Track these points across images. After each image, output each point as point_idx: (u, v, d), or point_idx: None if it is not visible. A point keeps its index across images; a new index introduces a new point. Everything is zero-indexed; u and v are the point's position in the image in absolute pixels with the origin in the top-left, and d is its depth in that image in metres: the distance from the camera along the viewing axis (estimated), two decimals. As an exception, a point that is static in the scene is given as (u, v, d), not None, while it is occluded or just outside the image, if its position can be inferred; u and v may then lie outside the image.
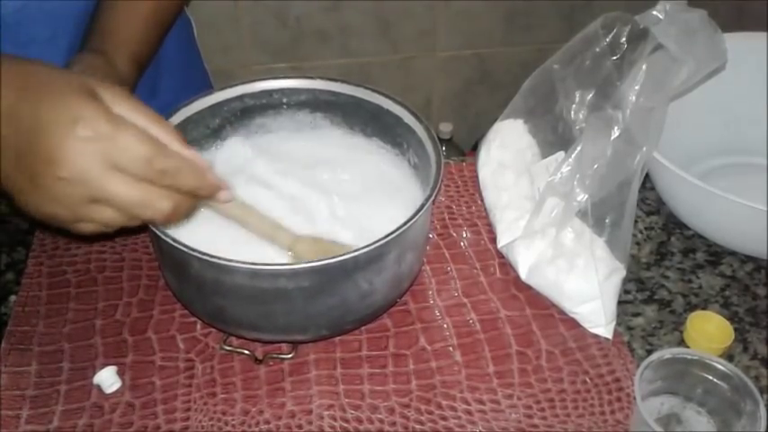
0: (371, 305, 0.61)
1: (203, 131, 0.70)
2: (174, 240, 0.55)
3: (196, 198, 0.52)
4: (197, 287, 0.59)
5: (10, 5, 0.71)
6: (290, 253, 0.62)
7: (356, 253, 0.55)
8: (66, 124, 0.46)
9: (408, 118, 0.67)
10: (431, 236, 0.74)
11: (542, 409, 0.61)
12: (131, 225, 0.51)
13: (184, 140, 0.51)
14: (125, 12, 0.75)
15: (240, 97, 0.70)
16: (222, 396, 0.61)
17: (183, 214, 0.51)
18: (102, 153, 0.46)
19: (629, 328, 0.68)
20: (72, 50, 0.75)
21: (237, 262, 0.54)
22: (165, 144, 0.49)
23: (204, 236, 0.60)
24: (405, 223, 0.57)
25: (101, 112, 0.46)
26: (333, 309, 0.59)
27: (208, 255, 0.54)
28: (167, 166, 0.48)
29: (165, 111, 0.64)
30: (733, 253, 0.75)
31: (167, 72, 0.89)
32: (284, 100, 0.72)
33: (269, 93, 0.71)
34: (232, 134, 0.72)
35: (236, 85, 0.70)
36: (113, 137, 0.46)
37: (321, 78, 0.71)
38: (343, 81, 0.70)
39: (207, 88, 0.70)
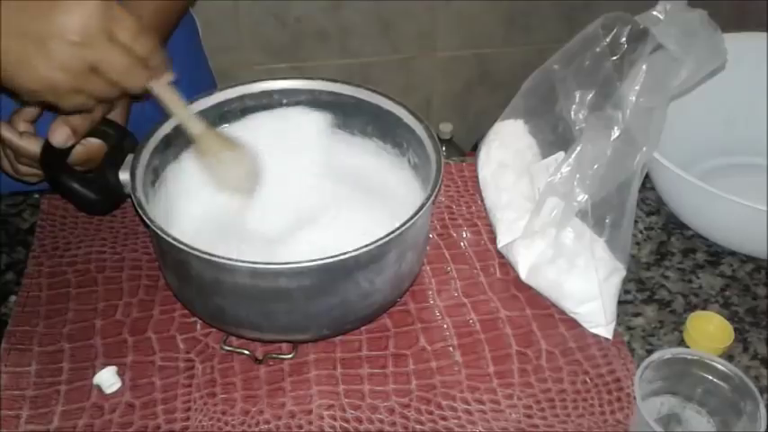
0: (372, 305, 0.61)
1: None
2: (175, 239, 0.55)
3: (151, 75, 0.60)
4: (197, 287, 0.59)
5: None
6: (197, 143, 0.65)
7: (357, 252, 0.55)
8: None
9: (408, 118, 0.67)
10: (431, 236, 0.74)
11: (542, 409, 0.61)
12: (110, 98, 0.60)
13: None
14: (129, 11, 0.75)
15: (241, 98, 0.70)
16: (222, 396, 0.61)
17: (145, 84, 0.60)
18: (105, 22, 0.55)
19: (629, 328, 0.68)
20: None
21: (237, 261, 0.54)
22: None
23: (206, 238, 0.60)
24: (405, 222, 0.57)
25: None
26: (333, 308, 0.59)
27: (208, 254, 0.54)
28: (148, 42, 0.58)
29: None
30: (733, 253, 0.75)
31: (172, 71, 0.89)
32: (284, 101, 0.72)
33: (269, 93, 0.71)
34: (233, 134, 0.72)
35: (237, 85, 0.70)
36: (113, 9, 0.55)
37: (321, 79, 0.71)
38: (343, 82, 0.70)
39: (212, 87, 0.70)
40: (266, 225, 0.67)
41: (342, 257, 0.55)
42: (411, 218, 0.58)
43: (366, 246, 0.55)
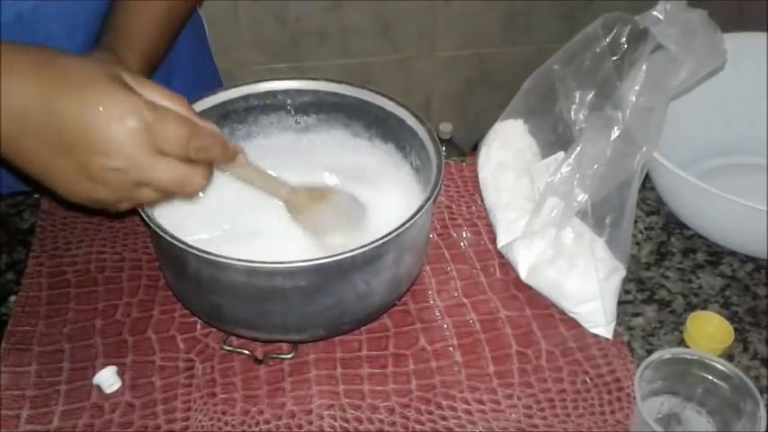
0: (369, 306, 0.61)
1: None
2: (173, 237, 0.55)
3: (218, 164, 0.56)
4: (195, 285, 0.59)
5: (29, 3, 0.72)
6: (287, 205, 0.64)
7: (353, 253, 0.55)
8: (115, 118, 0.48)
9: (411, 120, 0.67)
10: (431, 236, 0.74)
11: (542, 409, 0.61)
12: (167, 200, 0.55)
13: (194, 111, 0.54)
14: (137, 11, 0.76)
15: (245, 97, 0.71)
16: (222, 396, 0.61)
17: (209, 182, 0.55)
18: (149, 141, 0.49)
19: (629, 328, 0.68)
20: (87, 47, 0.76)
21: (233, 259, 0.54)
22: (194, 121, 0.52)
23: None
24: (403, 224, 0.57)
25: (141, 101, 0.50)
26: (329, 309, 0.59)
27: (204, 252, 0.54)
28: (201, 143, 0.52)
29: None
30: (733, 253, 0.75)
31: (179, 70, 0.89)
32: (288, 101, 0.72)
33: (273, 93, 0.71)
34: (236, 134, 0.72)
35: (241, 85, 0.70)
36: (156, 124, 0.50)
37: (325, 80, 0.71)
38: (346, 83, 0.70)
39: (217, 86, 0.70)
40: (267, 227, 0.67)
41: (337, 258, 0.55)
42: (408, 220, 0.57)
43: (362, 247, 0.55)
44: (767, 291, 0.71)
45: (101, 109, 0.48)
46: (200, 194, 0.56)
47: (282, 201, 0.64)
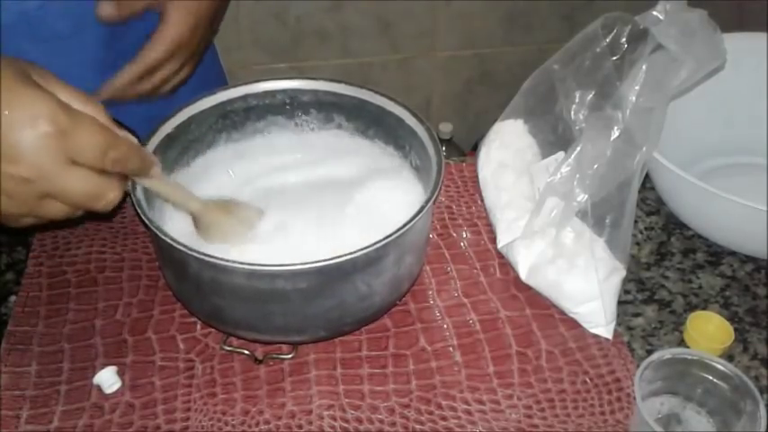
0: (370, 307, 0.61)
1: (206, 131, 0.70)
2: (173, 240, 0.55)
3: (134, 176, 0.53)
4: (195, 287, 0.59)
5: (34, 3, 0.72)
6: (195, 220, 0.62)
7: (355, 255, 0.55)
8: (25, 121, 0.44)
9: (410, 120, 0.67)
10: (431, 236, 0.74)
11: (542, 409, 0.61)
12: (73, 216, 0.51)
13: (110, 117, 0.50)
14: (185, 7, 0.75)
15: (243, 97, 0.70)
16: (222, 396, 0.61)
17: (121, 196, 0.51)
18: (61, 149, 0.45)
19: (629, 328, 0.68)
20: (97, 45, 0.75)
21: (235, 262, 0.54)
22: (112, 130, 0.49)
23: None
24: (404, 225, 0.57)
25: (55, 104, 0.45)
26: (331, 310, 0.59)
27: (205, 254, 0.54)
28: (118, 154, 0.48)
29: None
30: (733, 253, 0.75)
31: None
32: (287, 101, 0.72)
33: (272, 93, 0.71)
34: (235, 134, 0.72)
35: (240, 85, 0.70)
36: (72, 131, 0.46)
37: (324, 79, 0.71)
38: (345, 82, 0.70)
39: (223, 84, 0.70)
40: (268, 229, 0.67)
41: (339, 260, 0.55)
42: (409, 221, 0.57)
43: (364, 248, 0.55)
44: (767, 291, 0.71)
45: (6, 112, 0.44)
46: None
47: (191, 215, 0.61)
